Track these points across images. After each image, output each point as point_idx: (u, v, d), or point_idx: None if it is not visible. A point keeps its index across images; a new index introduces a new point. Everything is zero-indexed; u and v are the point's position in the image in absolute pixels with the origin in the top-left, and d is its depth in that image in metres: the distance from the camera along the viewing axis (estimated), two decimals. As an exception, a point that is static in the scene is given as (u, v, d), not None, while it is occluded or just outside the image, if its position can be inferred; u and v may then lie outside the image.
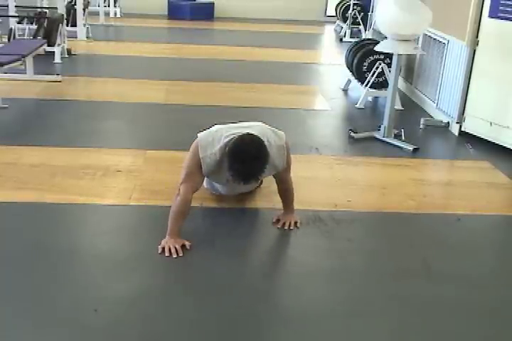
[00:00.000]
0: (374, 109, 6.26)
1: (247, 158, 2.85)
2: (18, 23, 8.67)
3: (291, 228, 3.32)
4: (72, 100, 5.87)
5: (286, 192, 3.37)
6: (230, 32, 11.55)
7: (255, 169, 2.88)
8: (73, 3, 9.34)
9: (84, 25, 9.34)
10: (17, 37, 7.71)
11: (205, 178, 3.31)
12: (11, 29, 7.57)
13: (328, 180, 4.09)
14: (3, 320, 2.46)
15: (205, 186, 3.54)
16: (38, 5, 9.95)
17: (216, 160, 3.05)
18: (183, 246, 3.01)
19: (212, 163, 3.06)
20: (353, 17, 10.91)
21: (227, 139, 3.03)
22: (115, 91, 6.30)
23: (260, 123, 3.28)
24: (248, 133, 2.99)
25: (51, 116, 5.25)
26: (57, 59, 7.41)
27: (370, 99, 6.34)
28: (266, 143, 3.03)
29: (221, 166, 3.05)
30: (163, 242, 3.01)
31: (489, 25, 4.86)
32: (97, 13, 11.27)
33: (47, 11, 8.86)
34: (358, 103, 6.09)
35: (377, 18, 5.00)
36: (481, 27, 4.93)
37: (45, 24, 7.62)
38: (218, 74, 7.35)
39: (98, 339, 2.37)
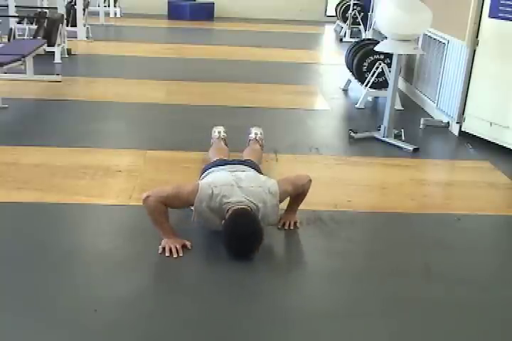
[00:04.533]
0: (374, 109, 6.26)
1: (242, 241, 2.91)
2: (18, 23, 8.66)
3: (291, 228, 3.32)
4: (72, 100, 5.86)
5: (299, 196, 3.34)
6: (230, 32, 11.55)
7: (251, 246, 2.94)
8: (73, 3, 9.34)
9: (84, 25, 9.34)
10: (17, 37, 7.71)
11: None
12: (11, 29, 7.57)
13: (328, 180, 4.08)
14: (3, 320, 2.46)
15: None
16: (38, 5, 9.95)
17: (208, 213, 3.04)
18: (183, 246, 3.01)
19: (203, 214, 3.06)
20: (353, 17, 10.90)
21: (224, 200, 3.00)
22: (115, 91, 6.29)
23: (261, 183, 3.16)
24: (243, 211, 2.97)
25: (51, 116, 5.25)
26: (57, 59, 7.41)
27: (370, 99, 6.34)
28: (261, 204, 3.05)
29: (212, 219, 3.05)
30: (163, 242, 3.01)
31: (489, 25, 4.86)
32: (97, 13, 11.26)
33: (47, 11, 8.86)
34: (358, 103, 6.09)
35: (377, 18, 5.00)
36: (481, 27, 4.93)
37: (45, 24, 7.62)
38: (218, 74, 7.35)
39: (98, 339, 2.37)
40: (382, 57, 6.12)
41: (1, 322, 2.45)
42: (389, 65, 5.61)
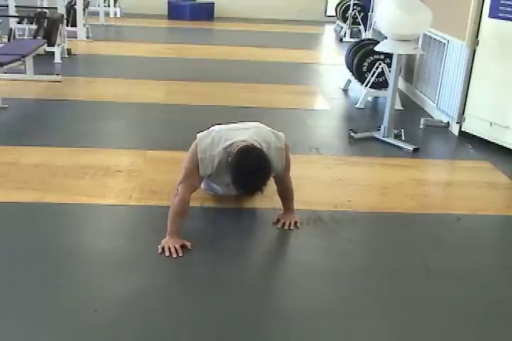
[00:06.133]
0: (374, 109, 6.26)
1: (250, 174, 2.87)
2: (18, 23, 8.67)
3: (291, 228, 3.32)
4: (72, 100, 5.87)
5: (285, 191, 3.37)
6: (230, 32, 11.56)
7: (259, 182, 2.90)
8: (73, 3, 9.34)
9: (84, 25, 9.35)
10: (17, 37, 7.71)
11: (203, 179, 3.31)
12: (11, 29, 7.57)
13: (328, 180, 4.09)
14: (3, 319, 2.46)
15: (203, 187, 3.54)
16: (38, 5, 9.95)
17: (215, 162, 3.05)
18: (182, 246, 3.01)
19: (211, 164, 3.06)
20: (353, 17, 10.91)
21: (227, 142, 3.03)
22: (115, 91, 6.30)
23: (259, 124, 3.28)
24: (248, 146, 2.98)
25: (51, 116, 5.25)
26: (57, 59, 7.41)
27: (370, 99, 6.34)
28: (265, 144, 3.05)
29: (220, 169, 3.05)
30: (162, 242, 3.01)
31: (489, 25, 4.86)
32: (97, 13, 11.28)
33: (47, 11, 8.86)
34: (358, 103, 6.09)
35: (377, 18, 5.00)
36: (481, 27, 4.93)
37: (45, 24, 7.62)
38: (218, 74, 7.35)
39: (98, 339, 2.37)
40: (382, 57, 6.13)
41: (1, 321, 2.45)
42: (389, 65, 5.61)
